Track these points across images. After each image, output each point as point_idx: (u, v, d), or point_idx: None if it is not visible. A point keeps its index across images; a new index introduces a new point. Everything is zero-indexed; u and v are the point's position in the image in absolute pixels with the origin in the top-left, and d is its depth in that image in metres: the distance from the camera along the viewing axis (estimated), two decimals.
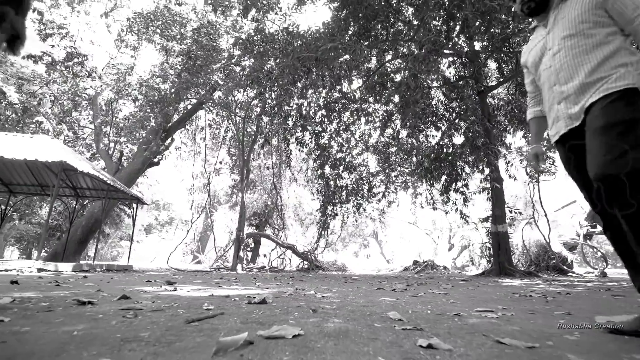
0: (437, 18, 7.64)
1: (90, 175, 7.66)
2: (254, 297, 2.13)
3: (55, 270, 6.31)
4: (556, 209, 17.68)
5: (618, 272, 16.17)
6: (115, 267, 8.49)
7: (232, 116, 13.24)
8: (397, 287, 3.84)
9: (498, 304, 2.17)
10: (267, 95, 9.97)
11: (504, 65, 10.82)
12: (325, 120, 11.55)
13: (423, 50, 6.71)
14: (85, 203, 12.93)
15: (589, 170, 1.19)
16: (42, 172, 9.59)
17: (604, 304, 2.29)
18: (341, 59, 8.23)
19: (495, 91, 12.00)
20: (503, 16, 7.43)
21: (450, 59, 11.77)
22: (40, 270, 6.02)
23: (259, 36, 9.07)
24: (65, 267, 6.65)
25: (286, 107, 9.77)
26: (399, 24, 9.51)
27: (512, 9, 6.59)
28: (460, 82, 11.02)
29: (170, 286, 3.38)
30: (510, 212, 12.51)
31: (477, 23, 7.82)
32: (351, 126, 12.45)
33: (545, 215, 11.06)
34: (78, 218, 11.82)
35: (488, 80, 11.66)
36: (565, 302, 2.39)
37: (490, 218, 9.67)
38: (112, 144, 13.07)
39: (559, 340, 1.12)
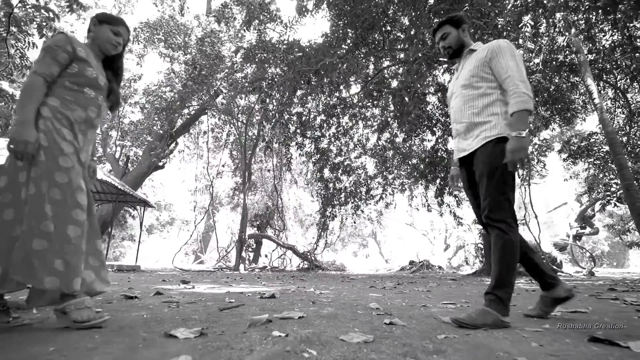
0: (429, 30, 8.09)
1: (104, 181, 8.11)
2: (264, 293, 2.60)
3: None
4: (549, 210, 18.16)
5: (608, 271, 16.65)
6: (125, 267, 8.95)
7: (234, 121, 13.69)
8: (387, 285, 4.31)
9: (464, 299, 2.64)
10: (267, 102, 10.43)
11: None
12: (325, 125, 12.03)
13: (414, 65, 7.16)
14: (97, 206, 13.36)
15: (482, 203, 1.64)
16: None
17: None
18: (339, 69, 8.70)
19: None
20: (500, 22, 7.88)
21: (446, 65, 12.24)
22: None
23: (260, 45, 9.53)
24: None
25: (287, 116, 10.24)
26: (396, 30, 9.92)
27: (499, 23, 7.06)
28: None
29: (188, 285, 3.85)
30: None
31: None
32: (350, 130, 12.91)
33: (536, 217, 11.54)
34: None
35: None
36: (517, 297, 2.85)
37: None
38: (118, 148, 13.52)
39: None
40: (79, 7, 5.76)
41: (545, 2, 6.41)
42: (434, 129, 11.62)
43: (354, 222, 14.37)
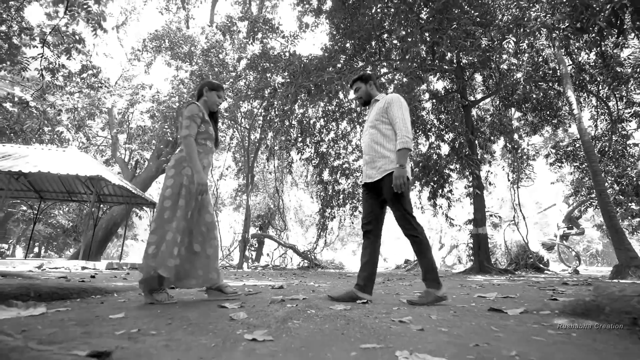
0: (419, 50, 8.74)
1: (118, 185, 8.78)
2: (274, 285, 3.27)
3: (93, 268, 7.44)
4: (539, 211, 18.84)
5: (596, 269, 17.34)
6: (138, 265, 9.62)
7: (238, 126, 14.34)
8: (377, 280, 4.98)
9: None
10: (270, 110, 11.08)
11: (490, 80, 11.78)
12: (324, 130, 12.69)
13: (405, 80, 7.81)
14: (106, 208, 14.02)
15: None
16: (70, 180, 10.71)
17: (498, 290, 3.43)
18: (337, 82, 9.35)
19: (481, 103, 13.11)
20: (483, 42, 8.51)
21: (439, 74, 12.88)
22: (83, 268, 7.15)
23: (263, 55, 10.18)
24: (101, 266, 7.78)
25: (287, 122, 10.89)
26: (392, 38, 10.51)
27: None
28: (448, 97, 12.08)
29: None
30: (491, 215, 13.67)
31: (455, 52, 8.96)
32: (348, 135, 13.57)
33: (524, 218, 12.22)
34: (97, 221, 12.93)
35: (475, 93, 12.74)
36: (479, 289, 3.52)
37: (472, 221, 10.75)
38: (127, 152, 14.17)
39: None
40: (102, 31, 6.42)
41: (525, 23, 7.02)
42: (429, 133, 12.27)
43: (352, 223, 15.04)
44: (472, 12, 8.68)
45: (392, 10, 9.18)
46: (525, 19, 7.22)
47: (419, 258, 2.22)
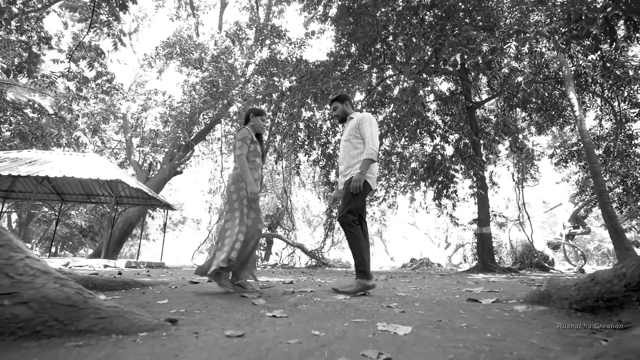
0: (422, 55, 9.03)
1: (136, 188, 9.27)
2: (284, 281, 3.64)
3: (115, 266, 7.92)
4: (545, 210, 18.88)
5: (601, 268, 17.34)
6: (153, 264, 10.11)
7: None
8: (380, 278, 5.32)
9: (428, 285, 3.64)
10: (278, 115, 11.47)
11: (494, 81, 11.93)
12: (330, 132, 13.04)
13: (406, 84, 8.10)
14: (121, 210, 14.61)
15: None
16: (89, 183, 11.27)
17: (490, 286, 3.74)
18: (342, 87, 9.68)
19: (486, 103, 13.28)
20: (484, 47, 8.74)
21: (443, 76, 13.11)
22: (105, 266, 7.64)
23: (271, 61, 10.58)
24: (120, 264, 8.26)
25: (294, 126, 11.27)
26: (398, 41, 10.76)
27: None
28: (452, 99, 12.30)
29: None
30: (495, 215, 13.85)
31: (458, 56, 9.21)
32: None
33: (529, 217, 12.38)
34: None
35: (480, 93, 12.93)
36: (472, 285, 3.84)
37: (476, 221, 10.97)
38: (141, 155, 14.73)
39: (413, 292, 2.59)
40: (122, 44, 6.88)
41: (525, 28, 7.24)
42: (434, 134, 12.51)
43: None
44: (475, 15, 8.92)
45: (395, 16, 9.47)
46: (527, 23, 7.44)
47: (351, 249, 2.59)
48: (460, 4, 8.38)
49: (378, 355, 0.87)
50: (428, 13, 9.65)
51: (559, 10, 6.10)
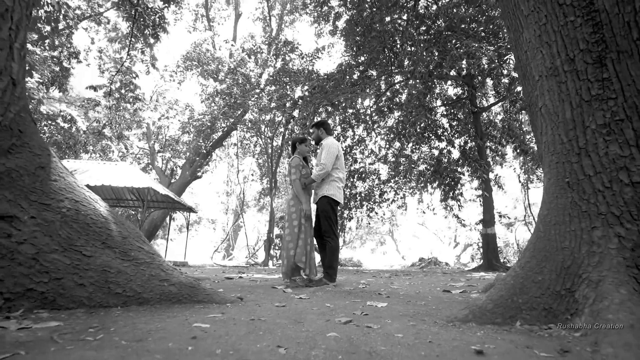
0: (425, 66, 9.63)
1: (163, 194, 10.20)
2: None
3: None
4: None
5: None
6: (178, 263, 11.04)
7: (261, 135, 15.63)
8: (384, 275, 6.02)
9: (422, 282, 4.33)
10: (292, 123, 12.24)
11: (499, 84, 12.33)
12: (341, 138, 13.74)
13: (414, 91, 8.71)
14: (147, 213, 15.67)
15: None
16: (120, 190, 12.30)
17: (478, 282, 4.40)
18: (352, 97, 10.37)
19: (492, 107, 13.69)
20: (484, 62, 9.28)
21: (450, 82, 13.62)
22: None
23: (284, 72, 11.36)
24: None
25: (307, 134, 12.03)
26: (407, 46, 11.30)
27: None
28: (458, 104, 12.82)
29: (244, 274, 5.70)
30: (501, 216, 14.29)
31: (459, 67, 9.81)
32: (364, 141, 14.56)
33: (533, 218, 12.82)
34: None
35: (487, 97, 13.36)
36: (462, 281, 4.51)
37: (482, 222, 11.47)
38: (164, 161, 15.76)
39: (404, 287, 3.30)
40: (155, 69, 7.76)
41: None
42: (441, 137, 13.06)
43: (369, 224, 16.01)
44: (476, 27, 9.45)
45: (401, 29, 10.08)
46: None
47: (327, 256, 3.28)
48: (463, 11, 8.87)
49: (361, 313, 1.61)
50: (432, 25, 10.21)
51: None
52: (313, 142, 3.69)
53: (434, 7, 9.13)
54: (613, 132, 1.25)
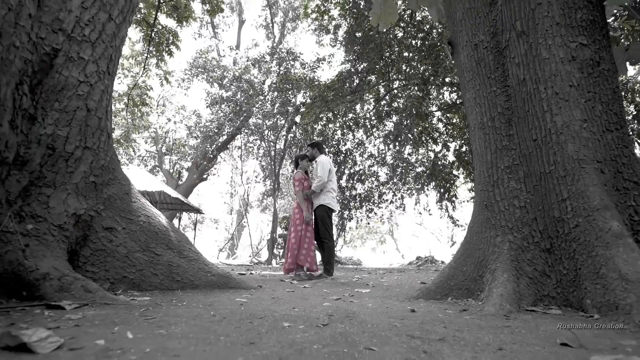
0: (421, 77, 10.25)
1: (174, 198, 10.86)
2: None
3: None
4: None
5: None
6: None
7: (265, 138, 16.28)
8: (379, 272, 6.66)
9: (408, 277, 4.96)
10: (294, 129, 12.88)
11: None
12: (341, 141, 14.37)
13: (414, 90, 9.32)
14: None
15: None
16: None
17: None
18: (351, 104, 11.00)
19: None
20: None
21: (446, 87, 14.21)
22: None
23: (286, 79, 11.99)
24: None
25: (308, 139, 12.66)
26: (404, 52, 11.85)
27: None
28: (453, 109, 13.41)
29: (253, 271, 6.35)
30: None
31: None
32: (363, 143, 15.18)
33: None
34: None
35: None
36: None
37: None
38: (171, 163, 16.43)
39: (390, 282, 3.95)
40: (168, 82, 8.41)
41: None
42: (438, 140, 13.66)
43: (368, 224, 16.62)
44: None
45: (396, 43, 10.69)
46: None
47: (325, 255, 3.97)
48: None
49: (349, 295, 2.25)
50: (427, 37, 10.80)
51: None
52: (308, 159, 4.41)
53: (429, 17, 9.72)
54: (512, 172, 1.88)
